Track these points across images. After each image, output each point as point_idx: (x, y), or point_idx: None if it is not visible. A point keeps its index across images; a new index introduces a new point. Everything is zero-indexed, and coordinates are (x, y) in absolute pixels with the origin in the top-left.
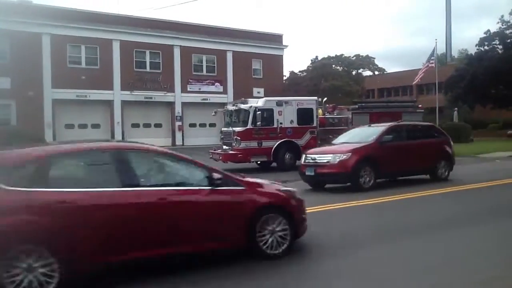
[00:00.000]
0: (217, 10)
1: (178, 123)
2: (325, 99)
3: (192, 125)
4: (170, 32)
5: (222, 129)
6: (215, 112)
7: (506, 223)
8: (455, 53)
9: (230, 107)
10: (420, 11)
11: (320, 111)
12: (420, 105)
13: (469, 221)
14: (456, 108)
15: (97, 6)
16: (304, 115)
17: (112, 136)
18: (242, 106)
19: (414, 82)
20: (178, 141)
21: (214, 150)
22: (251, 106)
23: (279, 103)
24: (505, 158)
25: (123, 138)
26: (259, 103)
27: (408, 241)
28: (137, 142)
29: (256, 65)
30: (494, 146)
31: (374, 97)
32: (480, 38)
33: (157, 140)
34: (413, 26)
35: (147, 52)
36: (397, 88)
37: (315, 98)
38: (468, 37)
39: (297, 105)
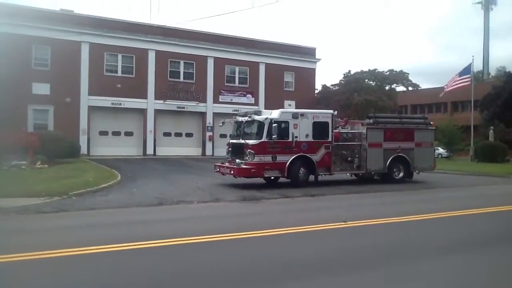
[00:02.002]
0: (251, 22)
1: (209, 133)
2: (335, 112)
3: (223, 136)
4: (205, 44)
5: (231, 141)
6: (222, 123)
7: None
8: (491, 71)
9: (241, 118)
10: (454, 29)
11: None
12: (432, 122)
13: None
14: (492, 127)
15: (134, 17)
16: (320, 129)
17: (144, 144)
18: (257, 117)
19: (441, 95)
20: (208, 151)
21: (222, 164)
22: (266, 118)
23: (295, 116)
24: None
25: (155, 146)
26: (275, 115)
27: None
28: None
29: (288, 77)
30: None
31: (407, 113)
32: None
33: (187, 150)
34: (446, 43)
35: (181, 62)
36: (430, 105)
37: (331, 111)
38: (504, 55)
39: (313, 118)
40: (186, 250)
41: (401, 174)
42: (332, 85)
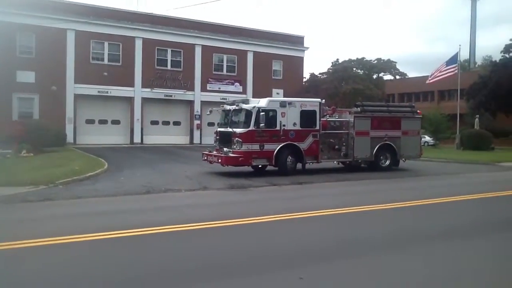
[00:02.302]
0: (239, 10)
1: (196, 122)
2: (323, 100)
3: (211, 124)
4: (192, 31)
5: (218, 129)
6: (210, 111)
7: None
8: (478, 60)
9: (228, 107)
10: (441, 18)
11: None
12: (419, 111)
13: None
14: (477, 115)
15: (121, 4)
16: (307, 117)
17: (131, 132)
18: (244, 106)
19: (427, 81)
20: (196, 140)
21: (209, 152)
22: (254, 106)
23: (282, 104)
24: None
25: (142, 134)
26: (262, 103)
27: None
28: None
29: (276, 66)
30: None
31: (395, 102)
32: (506, 45)
33: (175, 138)
34: (433, 33)
35: (169, 50)
36: (417, 93)
37: (319, 100)
38: (490, 45)
39: (301, 106)
40: (174, 237)
41: (388, 162)
42: (320, 73)
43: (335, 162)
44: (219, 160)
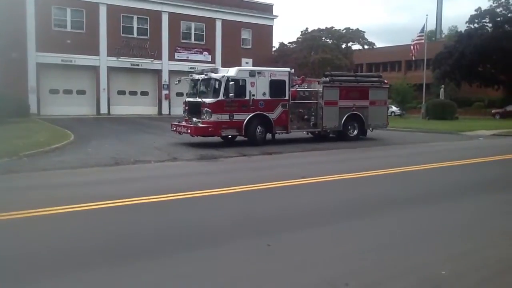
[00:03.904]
0: None
1: (165, 92)
2: (292, 70)
3: (179, 94)
4: None
5: (187, 99)
6: (178, 81)
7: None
8: (444, 30)
9: (197, 76)
10: None
11: None
12: (386, 81)
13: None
14: (442, 85)
15: None
16: (277, 87)
17: (98, 102)
18: (213, 75)
19: (412, 55)
20: (165, 110)
21: (178, 122)
22: (223, 76)
23: (252, 74)
24: (488, 137)
25: (109, 105)
26: (232, 72)
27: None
28: None
29: (245, 34)
30: (478, 124)
31: (363, 72)
32: (471, 16)
33: (143, 109)
34: (399, 3)
35: (135, 17)
36: (385, 63)
37: (288, 69)
38: (456, 15)
39: (270, 76)
40: (144, 209)
41: (356, 132)
42: (289, 42)
43: (304, 132)
44: (189, 131)
